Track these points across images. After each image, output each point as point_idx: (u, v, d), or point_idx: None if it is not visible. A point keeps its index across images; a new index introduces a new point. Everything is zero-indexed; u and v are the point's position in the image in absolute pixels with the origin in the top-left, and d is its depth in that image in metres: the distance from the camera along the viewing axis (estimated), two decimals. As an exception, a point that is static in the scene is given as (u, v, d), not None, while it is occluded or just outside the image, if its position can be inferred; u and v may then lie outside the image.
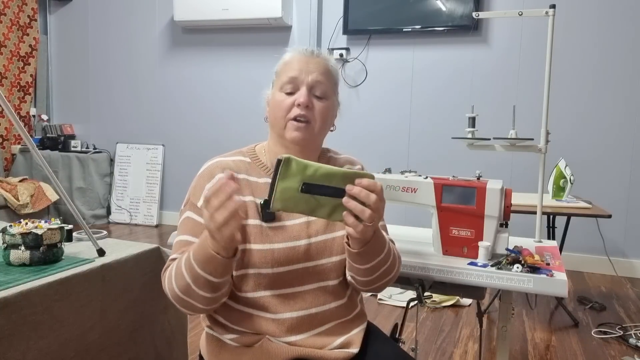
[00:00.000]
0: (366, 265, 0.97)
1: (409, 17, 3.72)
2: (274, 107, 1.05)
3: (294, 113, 1.02)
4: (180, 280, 0.92)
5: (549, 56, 1.65)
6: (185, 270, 0.91)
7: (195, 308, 0.95)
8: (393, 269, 1.03)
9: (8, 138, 4.56)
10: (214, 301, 0.94)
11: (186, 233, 1.02)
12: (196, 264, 0.89)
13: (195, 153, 4.46)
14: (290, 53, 1.08)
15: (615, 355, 2.22)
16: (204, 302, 0.93)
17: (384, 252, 0.98)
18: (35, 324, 0.97)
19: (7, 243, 1.10)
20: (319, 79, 1.04)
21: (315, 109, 1.04)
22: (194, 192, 1.04)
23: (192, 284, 0.91)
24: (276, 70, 1.09)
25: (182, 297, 0.93)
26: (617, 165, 3.42)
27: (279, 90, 1.05)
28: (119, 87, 4.70)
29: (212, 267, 0.88)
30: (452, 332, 2.42)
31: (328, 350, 1.03)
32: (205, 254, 0.87)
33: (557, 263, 1.34)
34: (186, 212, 1.04)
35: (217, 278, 0.89)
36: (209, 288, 0.91)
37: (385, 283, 1.05)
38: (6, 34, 4.45)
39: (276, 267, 1.00)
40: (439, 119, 3.79)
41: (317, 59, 1.06)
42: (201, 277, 0.89)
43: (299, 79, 1.03)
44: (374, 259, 0.97)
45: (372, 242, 0.92)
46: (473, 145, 1.67)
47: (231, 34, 4.28)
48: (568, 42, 3.46)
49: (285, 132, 1.04)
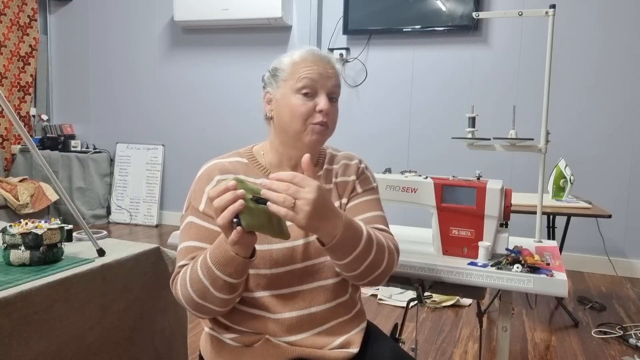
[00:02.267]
0: (343, 260, 0.93)
1: (409, 17, 3.72)
2: (290, 110, 1.02)
3: (317, 119, 1.01)
4: (197, 285, 0.92)
5: (549, 56, 1.65)
6: (202, 275, 0.91)
7: (212, 311, 0.95)
8: (381, 262, 0.98)
9: (8, 138, 4.56)
10: (231, 302, 0.95)
11: (191, 239, 1.01)
12: (215, 266, 0.89)
13: (195, 153, 4.46)
14: (299, 52, 1.04)
15: (615, 355, 2.22)
16: (221, 304, 0.94)
17: (359, 247, 0.93)
18: (35, 324, 0.97)
19: (7, 243, 1.10)
20: (335, 83, 1.04)
21: (331, 113, 1.04)
22: (194, 197, 1.04)
23: (210, 287, 0.91)
24: (283, 69, 1.04)
25: (199, 302, 0.93)
26: (617, 165, 3.42)
27: (293, 92, 1.02)
28: (119, 87, 4.70)
29: (232, 268, 0.88)
30: (452, 332, 2.42)
31: (328, 350, 1.03)
32: (225, 256, 0.88)
33: (557, 263, 1.34)
34: (188, 217, 1.03)
35: (236, 279, 0.90)
36: (227, 290, 0.91)
37: (379, 276, 1.00)
38: (6, 34, 4.45)
39: (274, 268, 1.00)
40: (439, 119, 3.79)
41: (330, 64, 1.05)
42: (220, 280, 0.89)
43: (319, 84, 1.02)
44: (349, 253, 0.92)
45: (341, 237, 0.88)
46: (473, 145, 1.67)
47: (231, 34, 4.28)
48: (568, 42, 3.46)
49: (304, 136, 1.02)
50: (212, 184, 1.02)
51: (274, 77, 1.06)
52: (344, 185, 1.11)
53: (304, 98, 1.01)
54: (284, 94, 1.04)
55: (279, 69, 1.05)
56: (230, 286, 0.91)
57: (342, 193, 1.11)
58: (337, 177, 1.12)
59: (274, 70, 1.07)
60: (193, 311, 0.96)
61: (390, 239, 1.04)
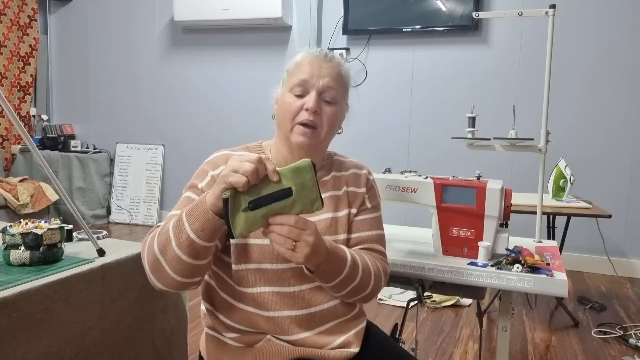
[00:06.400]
0: (328, 284, 0.98)
1: (409, 17, 3.72)
2: (281, 108, 1.05)
3: (302, 117, 1.02)
4: (162, 236, 0.89)
5: (549, 56, 1.65)
6: (171, 227, 0.88)
7: (165, 274, 0.90)
8: (367, 286, 1.02)
9: (8, 138, 4.56)
10: (189, 271, 0.89)
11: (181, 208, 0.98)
12: (186, 218, 0.87)
13: (196, 153, 4.46)
14: (303, 54, 1.06)
15: (615, 355, 2.22)
16: (177, 267, 0.88)
17: (343, 273, 0.97)
18: (35, 324, 0.97)
19: (7, 243, 1.10)
20: (330, 84, 1.03)
21: (324, 114, 1.03)
22: (197, 176, 1.05)
23: (173, 239, 0.87)
24: (288, 69, 1.08)
25: (157, 257, 0.89)
26: (617, 165, 3.42)
27: (288, 91, 1.04)
28: (119, 87, 4.70)
29: (199, 224, 0.85)
30: (452, 332, 2.42)
31: (329, 349, 1.03)
32: (198, 208, 0.86)
33: (557, 263, 1.34)
34: (186, 193, 1.03)
35: (200, 239, 0.86)
36: (187, 249, 0.86)
37: (364, 297, 1.05)
38: (6, 34, 4.45)
39: (276, 263, 1.00)
40: (439, 119, 3.79)
41: (330, 63, 1.05)
42: (184, 233, 0.86)
43: (310, 83, 1.02)
44: (333, 279, 0.97)
45: (325, 265, 0.93)
46: (473, 145, 1.67)
47: (231, 34, 4.28)
48: (568, 42, 3.46)
49: (291, 135, 1.03)
50: (218, 171, 1.03)
51: (283, 77, 1.09)
52: (354, 195, 1.13)
53: (295, 97, 1.03)
54: (282, 93, 1.06)
55: (287, 69, 1.08)
56: (192, 245, 0.86)
57: (352, 202, 1.12)
58: (349, 187, 1.13)
59: (285, 70, 1.09)
60: (149, 270, 0.92)
61: (380, 262, 1.09)
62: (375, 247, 1.11)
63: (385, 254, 1.13)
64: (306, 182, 0.86)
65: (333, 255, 0.95)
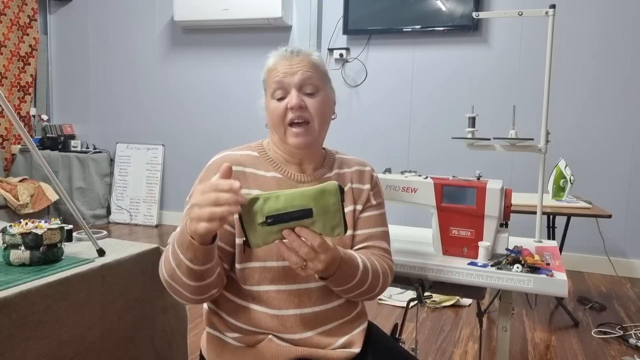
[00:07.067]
0: (338, 288, 0.99)
1: (409, 17, 3.72)
2: (270, 115, 1.06)
3: (290, 117, 1.02)
4: (167, 265, 0.92)
5: (549, 56, 1.65)
6: (170, 255, 0.90)
7: (182, 295, 0.93)
8: (375, 288, 1.04)
9: (8, 138, 4.56)
10: (200, 290, 0.92)
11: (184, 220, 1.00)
12: (178, 249, 0.87)
13: (196, 153, 4.45)
14: (272, 58, 1.08)
15: (615, 355, 2.22)
16: (189, 290, 0.91)
17: (355, 279, 0.98)
18: (35, 324, 0.97)
19: (7, 243, 1.10)
20: (304, 76, 1.03)
21: (310, 107, 1.03)
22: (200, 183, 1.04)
23: (176, 269, 0.89)
24: (263, 79, 1.09)
25: (170, 282, 0.92)
26: (617, 165, 3.42)
27: (271, 97, 1.05)
28: (119, 87, 4.70)
29: (191, 254, 0.86)
30: (452, 332, 2.42)
31: (331, 350, 1.03)
32: (184, 240, 0.86)
33: (557, 263, 1.34)
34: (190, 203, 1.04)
35: (197, 265, 0.87)
36: (190, 275, 0.88)
37: (371, 297, 1.07)
38: (6, 34, 4.45)
39: (281, 261, 1.00)
40: (439, 119, 3.79)
41: (299, 57, 1.06)
42: (183, 264, 0.87)
43: (286, 82, 1.03)
44: (344, 284, 0.98)
45: (337, 274, 0.94)
46: (473, 145, 1.67)
47: (231, 34, 4.28)
48: (568, 42, 3.46)
49: (286, 139, 1.04)
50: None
51: (263, 87, 1.10)
52: (359, 192, 1.13)
53: (278, 101, 1.04)
54: (267, 102, 1.08)
55: (262, 78, 1.10)
56: (192, 272, 0.88)
57: (357, 199, 1.13)
58: (353, 183, 1.13)
59: (262, 80, 1.10)
60: (169, 291, 0.95)
61: (386, 260, 1.10)
62: (381, 244, 1.12)
63: (389, 251, 1.14)
64: (329, 206, 0.84)
65: (346, 264, 0.96)
